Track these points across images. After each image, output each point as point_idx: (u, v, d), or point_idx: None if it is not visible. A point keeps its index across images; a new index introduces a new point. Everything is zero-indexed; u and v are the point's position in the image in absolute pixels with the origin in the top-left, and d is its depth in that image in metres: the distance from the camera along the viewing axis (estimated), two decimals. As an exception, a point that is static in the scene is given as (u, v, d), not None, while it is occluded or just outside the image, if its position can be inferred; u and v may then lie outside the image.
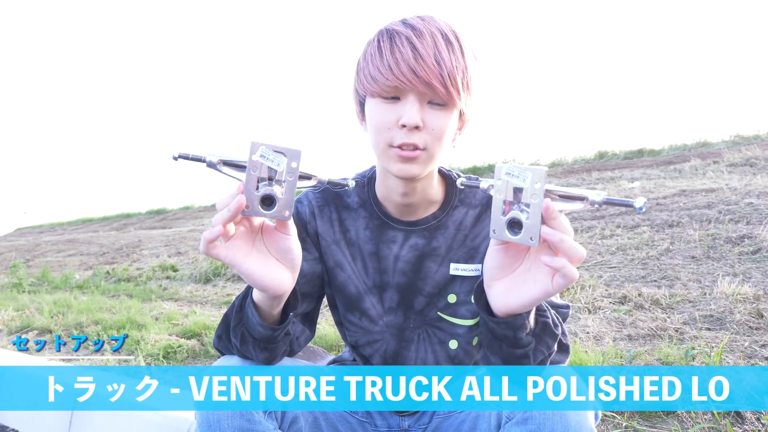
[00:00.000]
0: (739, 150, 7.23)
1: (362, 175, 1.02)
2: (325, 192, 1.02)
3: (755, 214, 3.96)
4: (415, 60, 0.80)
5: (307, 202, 1.02)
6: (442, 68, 0.80)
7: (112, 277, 6.32)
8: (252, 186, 0.68)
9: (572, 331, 2.40)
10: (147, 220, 14.30)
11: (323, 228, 1.00)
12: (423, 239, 0.98)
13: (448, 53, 0.81)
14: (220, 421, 0.79)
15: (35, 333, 3.45)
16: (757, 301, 2.49)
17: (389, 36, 0.84)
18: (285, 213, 0.69)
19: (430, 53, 0.80)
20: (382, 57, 0.83)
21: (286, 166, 0.68)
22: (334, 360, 1.18)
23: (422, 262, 0.98)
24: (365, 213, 1.00)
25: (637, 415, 1.58)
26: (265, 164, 0.68)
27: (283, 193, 0.69)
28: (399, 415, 1.08)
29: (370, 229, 0.99)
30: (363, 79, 0.86)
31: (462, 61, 0.83)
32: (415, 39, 0.81)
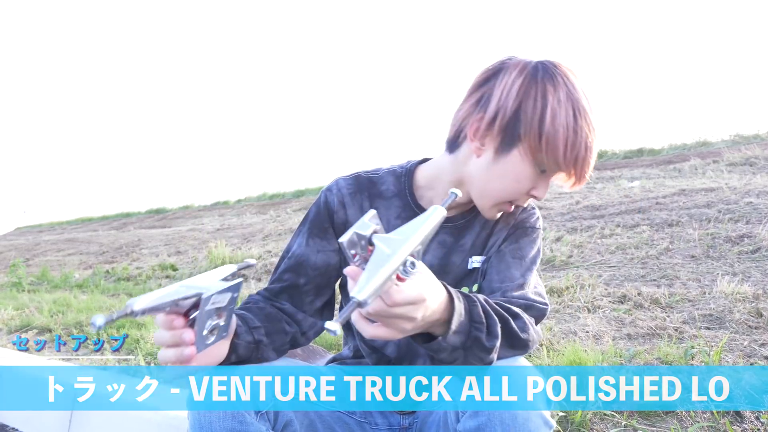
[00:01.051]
0: (738, 149, 7.23)
1: (401, 166, 1.04)
2: (358, 179, 1.02)
3: (755, 214, 3.96)
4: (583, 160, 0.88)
5: (337, 190, 1.01)
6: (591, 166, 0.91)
7: (111, 276, 6.32)
8: (202, 330, 0.71)
9: (572, 330, 2.41)
10: (146, 219, 14.30)
11: (354, 216, 0.99)
12: (451, 237, 1.00)
13: None
14: (212, 423, 0.79)
15: (35, 332, 3.45)
16: (757, 300, 2.50)
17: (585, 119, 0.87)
18: (223, 334, 0.76)
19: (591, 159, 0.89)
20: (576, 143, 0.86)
21: (230, 299, 0.72)
22: (333, 358, 1.18)
23: (449, 258, 1.00)
24: (399, 203, 1.00)
25: (637, 414, 1.58)
26: (213, 308, 0.70)
27: (222, 318, 0.74)
28: (400, 414, 1.08)
29: (401, 219, 0.99)
30: (545, 147, 0.86)
31: None
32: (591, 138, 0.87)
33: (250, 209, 11.89)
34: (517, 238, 0.99)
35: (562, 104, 0.85)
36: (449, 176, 0.98)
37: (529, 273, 0.96)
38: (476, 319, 0.74)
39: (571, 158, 0.86)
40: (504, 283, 0.93)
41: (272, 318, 0.95)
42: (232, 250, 6.03)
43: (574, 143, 0.85)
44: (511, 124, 0.87)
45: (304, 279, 0.98)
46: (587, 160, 0.88)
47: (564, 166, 0.87)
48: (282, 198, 13.22)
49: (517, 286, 0.92)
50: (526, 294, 0.91)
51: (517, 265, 0.95)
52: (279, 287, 0.99)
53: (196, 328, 0.69)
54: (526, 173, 0.89)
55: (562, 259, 3.88)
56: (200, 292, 0.67)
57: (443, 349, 0.73)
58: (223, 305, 0.71)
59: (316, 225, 1.00)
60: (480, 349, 0.74)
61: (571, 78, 0.88)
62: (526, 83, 0.86)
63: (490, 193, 0.92)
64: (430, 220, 0.64)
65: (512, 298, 0.90)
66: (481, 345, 0.74)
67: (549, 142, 0.85)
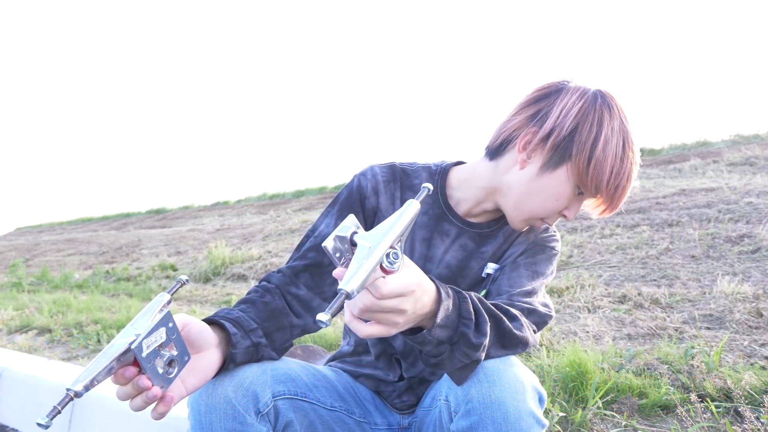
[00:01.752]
0: (738, 149, 7.23)
1: (436, 165, 1.06)
2: (393, 168, 1.03)
3: (755, 214, 3.96)
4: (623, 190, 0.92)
5: (372, 175, 1.02)
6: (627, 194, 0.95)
7: (111, 276, 6.32)
8: (155, 372, 0.70)
9: (572, 330, 2.40)
10: (146, 219, 14.29)
11: (385, 204, 1.01)
12: (473, 242, 1.02)
13: None
14: (212, 424, 0.79)
15: (35, 332, 3.45)
16: (757, 300, 2.50)
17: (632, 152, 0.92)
18: (185, 359, 0.75)
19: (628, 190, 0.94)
20: (621, 173, 0.91)
21: (166, 331, 0.71)
22: (332, 357, 1.18)
23: (468, 262, 1.01)
24: (429, 199, 1.02)
25: (637, 414, 1.58)
26: (154, 348, 0.70)
27: (173, 349, 0.73)
28: (400, 413, 1.08)
29: (428, 216, 1.01)
30: (593, 171, 0.90)
31: None
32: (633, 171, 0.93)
33: (250, 209, 11.89)
34: (534, 254, 1.01)
35: (614, 133, 0.90)
36: (484, 182, 0.99)
37: (539, 285, 0.97)
38: (465, 315, 0.74)
39: (613, 185, 0.91)
40: (512, 288, 0.94)
41: (277, 314, 0.92)
42: (232, 250, 6.03)
43: (619, 172, 0.90)
44: (565, 143, 0.90)
45: (328, 259, 0.97)
46: (626, 190, 0.93)
47: (605, 192, 0.91)
48: (282, 198, 13.21)
49: (525, 293, 0.93)
50: (531, 301, 0.92)
51: (529, 276, 0.97)
52: (302, 264, 0.97)
53: (147, 374, 0.69)
54: (566, 193, 0.92)
55: (563, 259, 3.88)
56: (129, 346, 0.67)
57: (428, 342, 0.73)
58: (163, 340, 0.71)
59: (346, 208, 1.00)
60: (467, 345, 0.75)
61: (624, 111, 0.93)
62: (585, 107, 0.90)
63: (526, 206, 0.94)
64: (406, 213, 0.66)
65: (516, 302, 0.90)
66: (468, 341, 0.74)
67: (597, 166, 0.89)
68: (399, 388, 1.06)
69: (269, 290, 0.95)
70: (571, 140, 0.89)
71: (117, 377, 0.68)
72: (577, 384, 1.69)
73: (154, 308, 0.71)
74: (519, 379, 0.77)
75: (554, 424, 1.49)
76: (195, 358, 0.78)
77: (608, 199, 0.93)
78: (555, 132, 0.90)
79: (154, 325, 0.70)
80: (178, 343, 0.74)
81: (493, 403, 0.75)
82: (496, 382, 0.76)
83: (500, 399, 0.75)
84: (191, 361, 0.78)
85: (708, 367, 1.74)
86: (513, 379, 0.77)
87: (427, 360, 0.76)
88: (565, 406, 1.61)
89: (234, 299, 4.00)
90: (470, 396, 0.77)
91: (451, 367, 0.76)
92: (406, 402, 1.07)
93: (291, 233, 7.15)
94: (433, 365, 0.76)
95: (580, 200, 0.95)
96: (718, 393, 1.61)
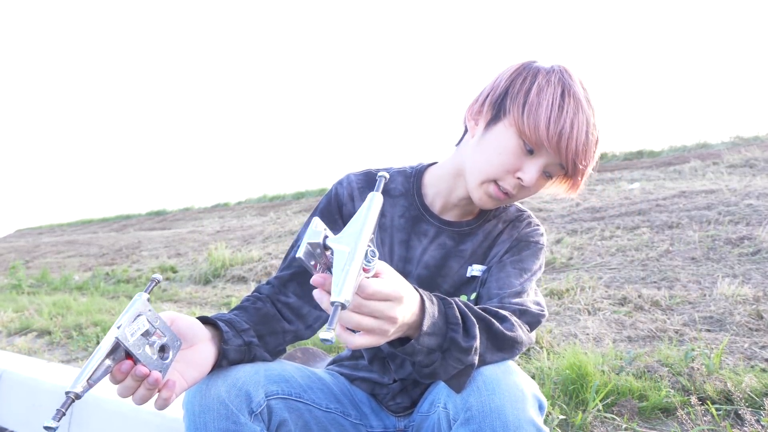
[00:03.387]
0: (738, 151, 7.23)
1: (411, 167, 1.07)
2: (368, 175, 1.05)
3: (755, 216, 3.96)
4: (584, 149, 0.88)
5: (347, 183, 1.04)
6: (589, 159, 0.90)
7: (111, 278, 6.32)
8: (148, 359, 0.72)
9: (572, 332, 2.40)
10: (146, 221, 14.29)
11: None
12: (452, 241, 1.02)
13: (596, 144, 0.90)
14: (207, 424, 0.80)
15: (34, 334, 3.45)
16: (757, 302, 2.49)
17: (575, 101, 0.88)
18: (176, 344, 0.76)
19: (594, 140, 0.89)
20: (560, 120, 0.86)
21: (147, 318, 0.73)
22: (333, 360, 1.18)
23: (446, 260, 1.01)
24: (405, 202, 1.03)
25: (637, 417, 1.58)
26: (139, 335, 0.71)
27: (162, 336, 0.74)
28: (396, 415, 1.08)
29: (405, 218, 1.02)
30: (527, 116, 0.87)
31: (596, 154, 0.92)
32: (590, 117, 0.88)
33: (250, 211, 11.88)
34: (520, 251, 1.00)
35: (550, 83, 0.88)
36: (452, 168, 1.00)
37: (529, 283, 0.96)
38: (452, 321, 0.74)
39: (555, 134, 0.86)
40: (502, 290, 0.93)
41: (268, 318, 0.94)
42: (232, 252, 6.02)
43: (558, 118, 0.86)
44: (500, 99, 0.92)
45: None
46: (573, 141, 0.87)
47: (547, 142, 0.86)
48: (282, 200, 13.21)
49: (515, 294, 0.92)
50: (523, 301, 0.91)
51: (517, 275, 0.96)
52: (289, 274, 1.00)
53: (141, 361, 0.71)
54: (509, 146, 0.90)
55: (563, 261, 3.88)
56: (115, 339, 0.69)
57: (418, 351, 0.72)
58: (147, 327, 0.72)
59: (325, 215, 1.03)
60: (458, 350, 0.74)
61: (571, 73, 0.91)
62: (521, 68, 0.92)
63: (476, 168, 0.93)
64: (372, 208, 0.65)
65: (507, 304, 0.90)
66: (458, 346, 0.74)
67: (531, 111, 0.87)
68: (393, 390, 1.06)
69: (260, 299, 0.98)
70: (506, 94, 0.91)
71: (115, 374, 0.70)
72: (577, 386, 1.68)
73: (130, 305, 0.73)
74: (519, 387, 0.77)
75: (554, 427, 1.49)
76: (190, 352, 0.80)
77: (560, 157, 0.88)
78: (492, 91, 0.93)
79: (131, 314, 0.71)
80: (165, 329, 0.75)
81: (493, 412, 0.74)
82: (496, 391, 0.75)
83: (500, 408, 0.74)
84: (187, 355, 0.79)
85: (708, 369, 1.74)
86: (512, 387, 0.76)
87: (420, 371, 0.76)
88: (565, 408, 1.60)
89: (234, 301, 4.00)
90: (469, 404, 0.76)
91: (445, 375, 0.75)
92: (401, 404, 1.06)
93: (291, 235, 7.15)
94: (427, 375, 0.76)
95: (534, 161, 0.90)
96: (719, 395, 1.61)
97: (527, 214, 1.06)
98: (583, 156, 0.88)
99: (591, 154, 0.90)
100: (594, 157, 0.91)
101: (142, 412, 1.69)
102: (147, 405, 1.82)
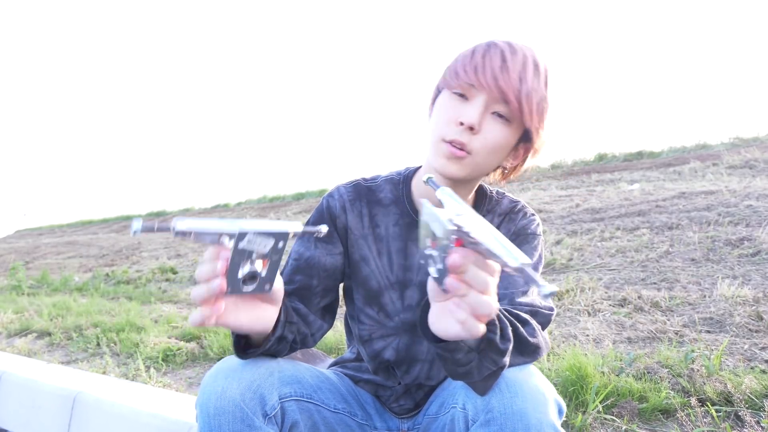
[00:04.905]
0: (738, 152, 7.24)
1: (399, 173, 1.05)
2: (357, 186, 1.04)
3: (754, 217, 3.96)
4: (501, 70, 0.84)
5: (338, 196, 1.03)
6: (522, 86, 0.84)
7: (111, 279, 6.32)
8: (235, 269, 0.67)
9: (572, 333, 2.40)
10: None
11: (353, 222, 1.01)
12: None
13: (534, 77, 0.86)
14: (221, 426, 0.80)
15: (34, 335, 3.45)
16: (757, 303, 2.49)
17: (487, 45, 0.87)
18: (266, 287, 0.70)
19: (517, 69, 0.85)
20: (473, 58, 0.86)
21: (273, 246, 0.67)
22: (335, 362, 1.18)
23: None
24: (396, 210, 1.02)
25: (637, 418, 1.58)
26: (251, 249, 0.66)
27: (265, 268, 0.68)
28: (399, 417, 1.08)
29: (399, 226, 1.01)
30: (447, 74, 0.89)
31: (544, 91, 0.87)
32: (508, 54, 0.85)
33: (250, 212, 11.88)
34: (519, 245, 0.99)
35: (468, 49, 0.89)
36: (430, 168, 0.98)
37: None
38: (490, 321, 0.73)
39: (471, 68, 0.85)
40: (508, 290, 0.93)
41: (295, 316, 0.94)
42: (231, 253, 6.01)
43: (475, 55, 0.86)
44: (437, 84, 0.93)
45: (317, 280, 0.98)
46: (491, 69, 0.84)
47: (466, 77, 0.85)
48: (282, 201, 13.22)
49: (522, 293, 0.92)
50: (532, 300, 0.91)
51: None
52: (291, 288, 0.98)
53: (229, 263, 0.66)
54: (444, 103, 0.89)
55: (562, 262, 3.88)
56: (240, 228, 0.64)
57: (459, 349, 0.71)
58: (264, 251, 0.66)
59: None
60: (494, 351, 0.74)
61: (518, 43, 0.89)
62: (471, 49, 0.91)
63: (429, 140, 0.92)
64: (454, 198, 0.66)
65: (518, 305, 0.90)
66: (495, 347, 0.74)
67: (455, 62, 0.89)
68: (397, 392, 1.06)
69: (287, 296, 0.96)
70: (447, 68, 0.91)
71: (214, 251, 0.66)
72: (577, 388, 1.68)
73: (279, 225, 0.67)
74: (540, 391, 0.77)
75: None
76: (260, 305, 0.77)
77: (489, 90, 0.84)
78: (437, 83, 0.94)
79: (271, 231, 0.66)
80: (272, 268, 0.69)
81: (515, 414, 0.74)
82: (518, 393, 0.75)
83: (522, 410, 0.74)
84: (256, 304, 0.76)
85: (708, 370, 1.74)
86: (535, 390, 0.76)
87: (454, 370, 0.75)
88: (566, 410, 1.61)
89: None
90: (491, 405, 0.76)
91: (479, 376, 0.75)
92: (404, 406, 1.07)
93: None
94: (460, 375, 0.75)
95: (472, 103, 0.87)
96: (719, 397, 1.61)
97: (520, 204, 1.04)
98: (518, 85, 0.84)
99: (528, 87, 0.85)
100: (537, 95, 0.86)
101: (142, 414, 1.69)
102: (146, 407, 1.82)
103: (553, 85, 0.90)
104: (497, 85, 0.84)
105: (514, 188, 8.12)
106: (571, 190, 6.92)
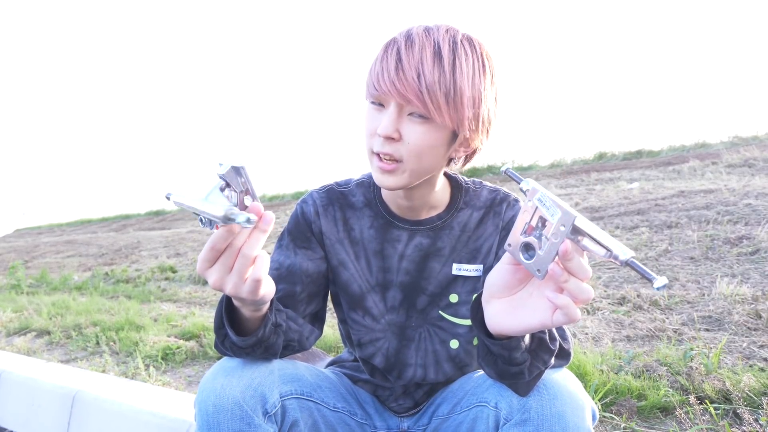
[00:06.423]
0: (737, 151, 7.24)
1: (370, 176, 1.03)
2: (330, 191, 1.03)
3: (754, 215, 3.96)
4: (396, 71, 0.80)
5: (312, 201, 1.02)
6: (421, 82, 0.79)
7: (110, 278, 6.32)
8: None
9: (571, 331, 2.40)
10: (146, 221, 14.29)
11: (327, 227, 1.00)
12: (428, 239, 0.98)
13: (433, 67, 0.79)
14: (220, 424, 0.79)
15: (33, 334, 3.45)
16: (756, 301, 2.50)
17: (386, 44, 0.84)
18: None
19: (413, 65, 0.79)
20: (374, 65, 0.84)
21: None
22: (333, 361, 1.18)
23: (426, 262, 0.98)
24: (370, 212, 1.00)
25: (636, 416, 1.58)
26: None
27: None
28: (398, 416, 1.08)
29: (374, 228, 1.00)
30: (367, 79, 0.86)
31: (450, 77, 0.80)
32: (403, 50, 0.81)
33: (249, 211, 11.84)
34: None
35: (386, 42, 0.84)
36: None
37: None
38: None
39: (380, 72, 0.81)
40: None
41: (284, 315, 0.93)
42: (231, 252, 6.00)
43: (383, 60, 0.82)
44: None
45: (300, 287, 0.97)
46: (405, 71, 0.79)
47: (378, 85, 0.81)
48: (281, 200, 13.21)
49: None
50: None
51: None
52: (275, 298, 0.95)
53: None
54: (366, 114, 0.87)
55: (562, 260, 3.88)
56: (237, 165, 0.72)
57: (519, 348, 0.72)
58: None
59: (298, 236, 1.00)
60: (545, 351, 0.74)
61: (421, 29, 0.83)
62: None
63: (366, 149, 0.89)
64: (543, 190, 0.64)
65: None
66: (545, 347, 0.74)
67: (370, 71, 0.85)
68: (395, 391, 1.06)
69: None
70: None
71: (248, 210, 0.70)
72: (576, 386, 1.69)
73: None
74: (578, 395, 0.77)
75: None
76: None
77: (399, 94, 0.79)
78: None
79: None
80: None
81: (554, 416, 0.74)
82: (558, 396, 0.75)
83: (561, 413, 0.74)
84: None
85: (707, 368, 1.74)
86: (573, 394, 0.76)
87: (507, 369, 0.75)
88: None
89: (233, 301, 3.99)
90: (528, 406, 0.76)
91: (529, 376, 0.75)
92: (403, 405, 1.07)
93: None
94: (512, 375, 0.75)
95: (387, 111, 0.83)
96: (717, 395, 1.61)
97: (501, 193, 1.01)
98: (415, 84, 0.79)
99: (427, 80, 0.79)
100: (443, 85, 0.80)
101: (141, 412, 1.69)
102: (146, 405, 1.82)
103: (473, 64, 0.82)
104: (396, 90, 0.79)
105: (513, 188, 8.12)
106: (571, 189, 6.92)
